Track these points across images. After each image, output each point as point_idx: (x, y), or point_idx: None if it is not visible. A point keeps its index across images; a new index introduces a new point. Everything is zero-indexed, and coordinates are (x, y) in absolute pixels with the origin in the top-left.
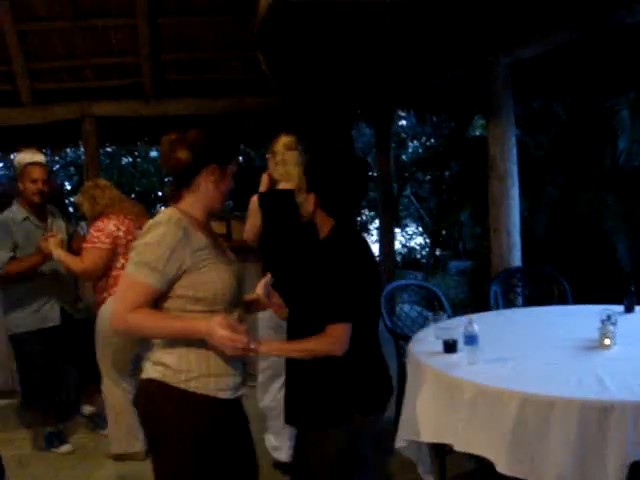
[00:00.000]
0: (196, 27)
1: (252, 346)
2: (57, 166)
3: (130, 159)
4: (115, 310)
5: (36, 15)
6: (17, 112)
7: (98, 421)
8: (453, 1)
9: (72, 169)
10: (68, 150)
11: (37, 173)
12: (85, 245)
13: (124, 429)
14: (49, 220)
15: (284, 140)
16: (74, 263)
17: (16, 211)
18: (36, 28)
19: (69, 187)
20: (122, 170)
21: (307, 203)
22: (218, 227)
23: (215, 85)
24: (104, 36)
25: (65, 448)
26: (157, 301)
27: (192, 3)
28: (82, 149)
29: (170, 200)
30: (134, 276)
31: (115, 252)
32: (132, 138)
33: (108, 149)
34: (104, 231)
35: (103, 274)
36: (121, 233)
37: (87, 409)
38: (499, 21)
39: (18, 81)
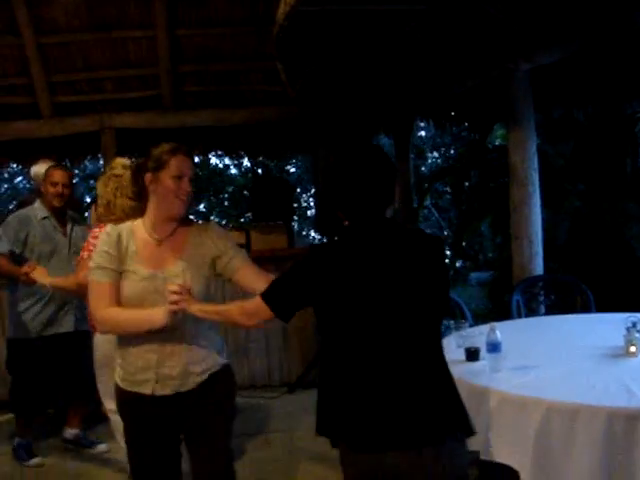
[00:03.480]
0: (214, 38)
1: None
2: (76, 179)
3: None
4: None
5: (55, 27)
6: (37, 125)
7: (85, 442)
8: (472, 8)
9: (92, 182)
10: (87, 162)
11: (58, 176)
12: (82, 254)
13: None
14: (68, 226)
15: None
16: (68, 283)
17: (37, 209)
18: (55, 40)
19: (88, 200)
20: None
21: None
22: (236, 237)
23: (234, 96)
24: (123, 48)
25: (35, 461)
26: None
27: (210, 14)
28: (101, 161)
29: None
30: (91, 280)
31: None
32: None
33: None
34: None
35: None
36: None
37: (70, 432)
38: (519, 27)
39: (38, 94)
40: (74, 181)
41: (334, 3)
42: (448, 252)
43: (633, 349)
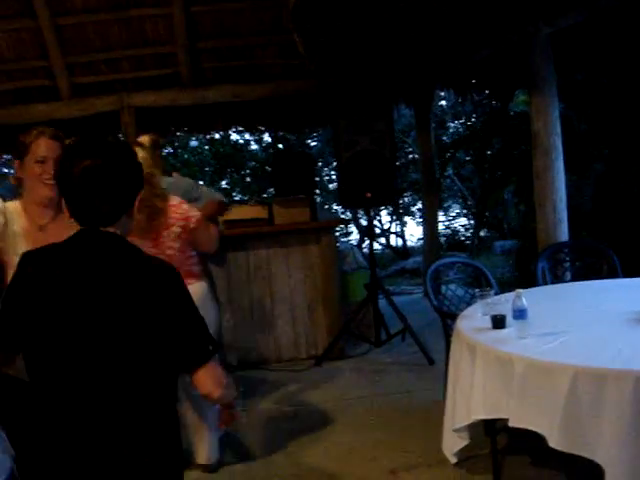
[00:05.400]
0: (231, 14)
1: None
2: None
3: (171, 149)
4: None
5: (72, 9)
6: (57, 106)
7: None
8: None
9: None
10: None
11: None
12: None
13: None
14: None
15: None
16: None
17: None
18: (72, 22)
19: None
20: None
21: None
22: (258, 211)
23: (252, 71)
24: (140, 27)
25: None
26: None
27: None
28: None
29: None
30: None
31: None
32: (171, 128)
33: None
34: None
35: None
36: None
37: None
38: None
39: (57, 76)
40: None
41: None
42: (472, 221)
43: None
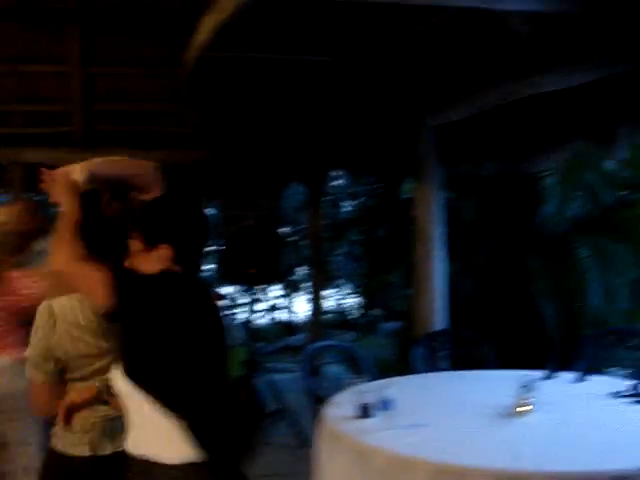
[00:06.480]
0: (129, 78)
1: None
2: None
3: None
4: None
5: None
6: None
7: None
8: (382, 63)
9: None
10: None
11: None
12: None
13: None
14: None
15: None
16: None
17: None
18: None
19: None
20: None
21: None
22: None
23: (148, 137)
24: (35, 83)
25: None
26: None
27: (126, 54)
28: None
29: None
30: None
31: None
32: None
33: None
34: None
35: None
36: None
37: None
38: (426, 84)
39: None
40: None
41: (242, 50)
42: (362, 300)
43: (525, 408)
